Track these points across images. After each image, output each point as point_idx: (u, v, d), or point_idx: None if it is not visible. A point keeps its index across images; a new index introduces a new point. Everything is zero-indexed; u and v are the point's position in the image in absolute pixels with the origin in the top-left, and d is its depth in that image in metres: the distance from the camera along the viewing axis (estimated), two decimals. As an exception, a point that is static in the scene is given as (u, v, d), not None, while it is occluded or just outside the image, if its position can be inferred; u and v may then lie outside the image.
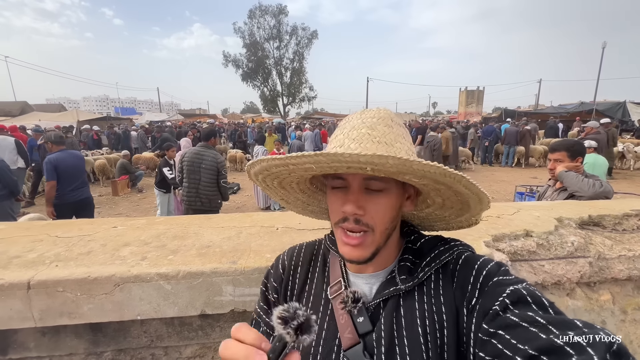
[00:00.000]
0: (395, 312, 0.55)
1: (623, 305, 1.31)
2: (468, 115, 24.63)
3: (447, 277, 0.55)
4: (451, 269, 0.55)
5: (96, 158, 9.44)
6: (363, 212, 0.53)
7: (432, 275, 0.56)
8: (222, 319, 1.08)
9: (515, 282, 0.48)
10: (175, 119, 25.49)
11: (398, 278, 0.57)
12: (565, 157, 2.22)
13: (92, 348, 1.06)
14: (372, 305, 0.57)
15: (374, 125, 0.54)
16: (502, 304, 0.45)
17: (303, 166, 0.50)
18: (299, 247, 0.72)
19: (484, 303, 0.47)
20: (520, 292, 0.45)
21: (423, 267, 0.56)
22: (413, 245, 0.62)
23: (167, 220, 1.47)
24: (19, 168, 6.49)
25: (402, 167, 0.45)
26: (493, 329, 0.43)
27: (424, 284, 0.56)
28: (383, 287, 0.57)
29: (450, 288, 0.54)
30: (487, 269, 0.52)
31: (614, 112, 16.30)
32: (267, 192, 0.70)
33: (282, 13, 35.11)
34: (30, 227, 1.41)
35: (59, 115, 16.05)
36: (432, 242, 0.61)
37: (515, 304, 0.44)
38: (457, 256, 0.57)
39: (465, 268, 0.54)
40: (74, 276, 0.95)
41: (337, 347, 0.57)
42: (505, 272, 0.51)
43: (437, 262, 0.56)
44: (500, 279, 0.49)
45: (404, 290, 0.55)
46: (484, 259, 0.55)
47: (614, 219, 1.44)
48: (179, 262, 1.03)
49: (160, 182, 5.28)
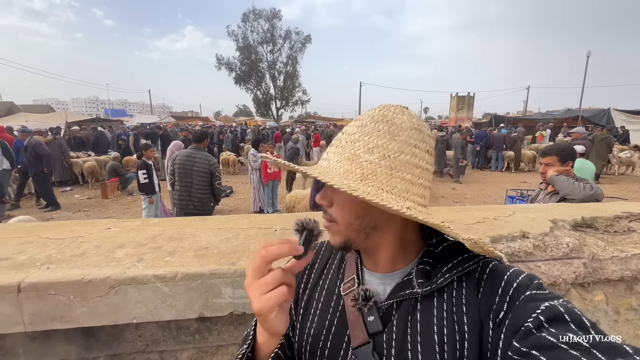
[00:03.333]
0: (411, 316, 0.53)
1: (616, 306, 1.34)
2: (459, 121, 25.03)
3: (471, 287, 0.52)
4: (477, 277, 0.52)
5: (85, 160, 9.24)
6: (328, 204, 0.56)
7: (455, 283, 0.53)
8: (220, 322, 1.06)
9: (551, 297, 0.44)
10: (167, 121, 25.20)
11: (415, 281, 0.54)
12: (556, 161, 2.27)
13: (85, 354, 1.03)
14: (385, 306, 0.55)
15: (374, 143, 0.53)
16: (536, 321, 0.41)
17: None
18: (320, 244, 0.73)
19: (515, 318, 0.44)
20: (557, 309, 0.41)
21: (443, 272, 0.53)
22: (435, 248, 0.59)
23: (163, 222, 1.44)
24: (3, 170, 6.31)
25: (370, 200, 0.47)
26: (526, 348, 0.39)
27: (445, 290, 0.53)
28: (398, 289, 0.56)
29: (475, 298, 0.50)
30: (518, 281, 0.48)
31: (599, 119, 16.80)
32: None
33: (275, 17, 35.26)
34: (18, 229, 1.37)
35: (46, 117, 15.68)
36: (455, 247, 0.57)
37: (551, 322, 0.40)
38: (483, 265, 0.53)
39: (492, 278, 0.51)
40: (67, 278, 0.92)
41: (346, 344, 0.56)
42: (538, 286, 0.47)
43: (460, 270, 0.53)
44: (533, 293, 0.46)
45: (421, 294, 0.52)
46: (514, 269, 0.51)
47: (606, 221, 1.47)
48: (176, 263, 1.01)
49: (142, 185, 4.90)
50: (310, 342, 0.61)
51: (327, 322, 0.60)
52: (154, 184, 4.97)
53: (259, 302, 0.45)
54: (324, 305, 0.63)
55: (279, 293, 0.45)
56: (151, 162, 5.04)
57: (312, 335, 0.61)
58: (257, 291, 0.46)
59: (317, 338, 0.60)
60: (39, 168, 6.65)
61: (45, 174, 6.81)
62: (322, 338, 0.59)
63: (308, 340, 0.61)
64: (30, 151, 6.62)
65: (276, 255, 0.46)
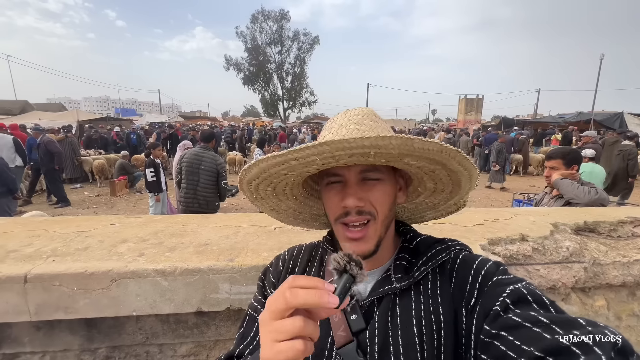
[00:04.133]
0: (391, 311, 0.54)
1: (618, 312, 1.32)
2: (467, 123, 24.77)
3: (445, 277, 0.54)
4: (449, 268, 0.55)
5: (95, 158, 9.43)
6: (364, 204, 0.54)
7: (429, 275, 0.56)
8: (218, 317, 1.08)
9: (515, 281, 0.47)
10: (175, 120, 25.53)
11: (394, 277, 0.56)
12: (560, 165, 2.24)
13: (87, 344, 1.06)
14: (367, 303, 0.57)
15: (360, 121, 0.56)
16: (502, 304, 0.44)
17: (305, 159, 0.49)
18: (299, 248, 0.73)
19: (484, 303, 0.47)
20: (521, 292, 0.44)
21: (419, 266, 0.56)
22: (409, 244, 0.62)
23: (165, 219, 1.48)
24: (16, 166, 6.48)
25: (404, 147, 0.46)
26: (495, 330, 0.42)
27: (421, 283, 0.55)
28: (378, 285, 0.57)
29: (448, 288, 0.53)
30: (486, 269, 0.51)
31: (612, 123, 16.45)
32: (256, 204, 0.69)
33: (284, 18, 35.49)
34: (27, 223, 1.41)
35: (59, 115, 16.05)
36: (428, 241, 0.61)
37: (516, 303, 0.43)
38: (454, 256, 0.56)
39: (463, 268, 0.54)
40: (71, 271, 0.95)
41: (330, 344, 0.56)
42: (504, 272, 0.51)
43: (434, 262, 0.56)
44: (499, 278, 0.49)
45: (400, 289, 0.54)
46: (481, 258, 0.54)
47: (609, 226, 1.45)
48: (176, 259, 1.03)
49: (149, 183, 5.01)
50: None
51: None
52: (161, 182, 5.06)
53: (268, 350, 0.37)
54: None
55: (292, 349, 0.36)
56: (159, 160, 5.15)
57: None
58: (270, 336, 0.38)
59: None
60: (50, 165, 6.82)
61: (56, 171, 6.97)
62: None
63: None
64: (43, 149, 6.78)
65: (302, 303, 0.37)
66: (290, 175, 0.57)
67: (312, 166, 0.53)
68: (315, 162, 0.50)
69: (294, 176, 0.59)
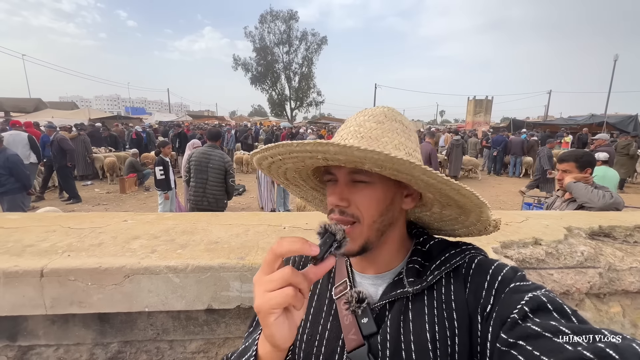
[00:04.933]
0: (403, 315, 0.53)
1: (633, 319, 1.28)
2: (476, 125, 24.45)
3: (459, 282, 0.53)
4: (463, 273, 0.53)
5: (106, 155, 9.59)
6: (347, 204, 0.54)
7: (443, 279, 0.54)
8: (228, 314, 1.09)
9: (534, 288, 0.45)
10: (184, 119, 25.81)
11: (406, 280, 0.55)
12: (573, 168, 2.20)
13: (100, 339, 1.08)
14: (378, 307, 0.56)
15: (362, 123, 0.56)
16: (521, 312, 0.42)
17: (299, 155, 0.52)
18: None
19: (501, 310, 0.45)
20: (540, 299, 0.42)
21: (432, 270, 0.54)
22: (422, 247, 0.60)
23: (176, 216, 1.49)
24: (31, 163, 6.64)
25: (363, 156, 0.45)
26: (513, 339, 0.40)
27: (434, 287, 0.54)
28: (390, 289, 0.56)
29: (463, 293, 0.51)
30: (503, 274, 0.49)
31: (625, 125, 16.05)
32: (289, 189, 0.72)
33: (292, 19, 35.53)
34: (43, 218, 1.44)
35: (71, 113, 16.39)
36: (442, 244, 0.59)
37: (536, 311, 0.41)
38: (469, 260, 0.55)
39: (478, 272, 0.52)
40: (86, 266, 0.97)
41: (341, 348, 0.55)
42: (522, 278, 0.49)
43: (448, 266, 0.54)
44: (517, 284, 0.47)
45: (412, 293, 0.53)
46: (498, 263, 0.53)
47: (625, 231, 1.42)
48: (187, 256, 1.04)
49: (158, 181, 5.10)
50: (303, 348, 0.60)
51: (320, 327, 0.60)
52: (170, 180, 5.12)
53: (260, 299, 0.41)
54: (315, 310, 0.62)
55: (281, 294, 0.40)
56: (168, 159, 5.21)
57: (305, 341, 0.60)
58: (262, 287, 0.41)
59: (310, 344, 0.59)
60: (63, 162, 6.96)
61: (68, 168, 7.12)
62: (316, 344, 0.58)
63: (301, 347, 0.60)
64: (56, 146, 6.93)
65: (287, 249, 0.41)
66: (288, 167, 0.59)
67: (314, 160, 0.53)
68: (304, 159, 0.53)
69: (293, 169, 0.61)
